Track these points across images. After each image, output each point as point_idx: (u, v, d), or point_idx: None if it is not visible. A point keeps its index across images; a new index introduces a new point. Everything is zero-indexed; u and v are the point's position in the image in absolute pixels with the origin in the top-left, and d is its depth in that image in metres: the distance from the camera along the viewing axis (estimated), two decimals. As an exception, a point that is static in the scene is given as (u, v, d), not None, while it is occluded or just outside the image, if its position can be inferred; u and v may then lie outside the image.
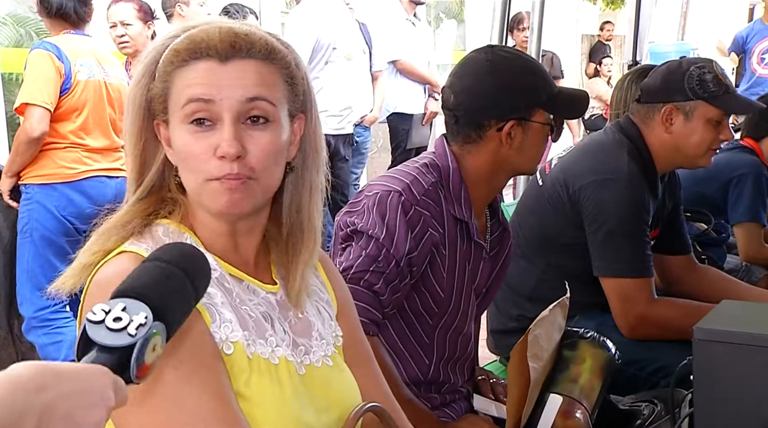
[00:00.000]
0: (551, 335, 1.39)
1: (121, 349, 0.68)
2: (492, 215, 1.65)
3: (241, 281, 0.98)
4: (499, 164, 1.53)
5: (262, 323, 0.96)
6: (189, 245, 0.85)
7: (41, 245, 2.93)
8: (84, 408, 0.63)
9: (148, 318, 0.69)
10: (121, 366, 0.68)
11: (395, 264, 1.41)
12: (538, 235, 1.98)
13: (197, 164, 0.92)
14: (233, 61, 0.92)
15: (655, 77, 1.98)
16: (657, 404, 1.47)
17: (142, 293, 0.71)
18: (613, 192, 1.85)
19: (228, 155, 0.90)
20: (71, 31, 2.98)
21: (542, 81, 1.54)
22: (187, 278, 0.76)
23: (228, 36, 0.93)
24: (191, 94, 0.91)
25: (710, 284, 2.11)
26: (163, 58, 0.94)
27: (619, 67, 8.84)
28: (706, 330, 1.12)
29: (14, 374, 0.61)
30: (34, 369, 0.62)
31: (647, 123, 1.96)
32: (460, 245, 1.52)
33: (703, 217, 2.50)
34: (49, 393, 0.61)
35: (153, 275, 0.75)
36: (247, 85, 0.92)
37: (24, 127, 2.87)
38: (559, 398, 1.36)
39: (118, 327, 0.68)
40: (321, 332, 1.04)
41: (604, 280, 1.88)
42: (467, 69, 1.56)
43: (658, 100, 1.94)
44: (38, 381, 0.61)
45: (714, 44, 6.49)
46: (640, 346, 1.82)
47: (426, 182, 1.48)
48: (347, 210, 1.49)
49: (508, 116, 1.50)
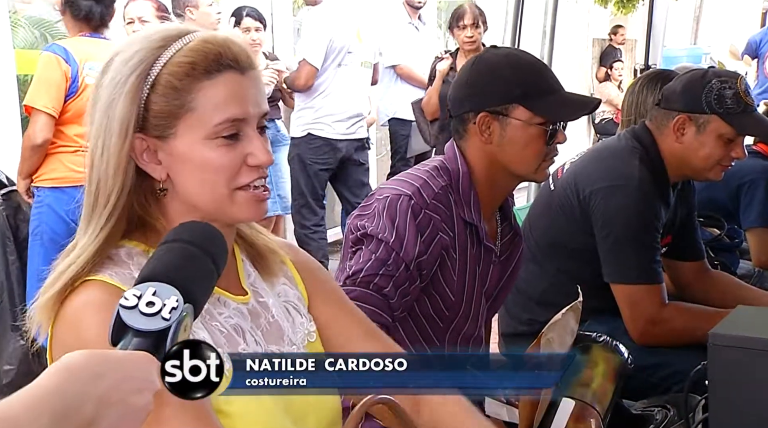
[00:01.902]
0: (564, 339, 1.39)
1: (156, 333, 0.70)
2: (503, 219, 1.65)
3: (212, 295, 0.99)
4: (490, 162, 1.52)
5: (234, 337, 0.97)
6: (206, 223, 0.85)
7: (50, 248, 2.94)
8: (134, 393, 0.66)
9: (179, 301, 0.71)
10: (155, 348, 0.70)
11: (405, 268, 1.41)
12: (549, 239, 1.98)
13: (227, 175, 0.93)
14: (248, 72, 0.93)
15: (676, 84, 1.95)
16: (670, 409, 1.47)
17: (171, 276, 0.73)
18: (624, 198, 1.84)
19: (265, 164, 0.93)
20: (87, 34, 3.00)
21: (522, 78, 1.49)
22: (208, 256, 0.78)
23: (243, 46, 0.94)
24: (229, 115, 0.91)
25: (723, 289, 2.10)
26: (168, 71, 0.90)
27: (630, 72, 8.81)
28: (721, 336, 1.11)
29: (68, 363, 0.63)
30: (86, 358, 0.64)
31: (661, 130, 1.94)
32: (470, 249, 1.52)
33: (716, 222, 2.48)
34: (104, 380, 0.64)
35: (177, 256, 0.76)
36: (261, 97, 0.95)
37: (27, 133, 2.90)
38: (572, 402, 1.36)
39: (151, 311, 0.70)
40: (291, 338, 1.04)
41: (614, 286, 1.87)
42: (462, 68, 1.59)
43: (674, 107, 1.92)
44: (93, 369, 0.64)
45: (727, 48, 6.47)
46: (652, 351, 1.81)
47: (436, 185, 1.48)
48: (358, 213, 1.49)
49: (480, 107, 1.50)
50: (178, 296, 0.71)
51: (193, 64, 0.90)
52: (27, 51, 3.83)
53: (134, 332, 0.70)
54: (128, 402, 0.65)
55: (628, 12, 9.05)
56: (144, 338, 0.70)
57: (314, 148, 3.85)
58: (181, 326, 0.71)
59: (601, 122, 8.37)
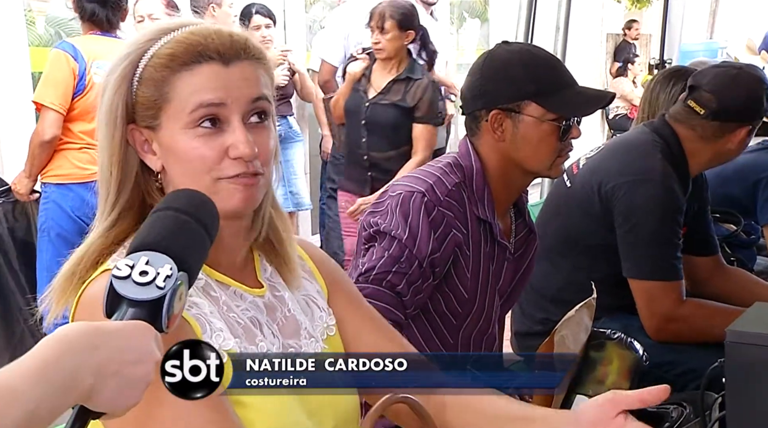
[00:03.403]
0: (578, 336, 1.39)
1: (151, 302, 0.69)
2: (518, 216, 1.64)
3: (228, 287, 0.98)
4: (504, 159, 1.51)
5: (251, 329, 0.96)
6: (195, 190, 0.85)
7: (58, 243, 2.97)
8: (132, 363, 0.66)
9: (173, 270, 0.70)
10: (152, 318, 0.69)
11: (418, 265, 1.41)
12: (565, 237, 1.96)
13: (207, 166, 0.92)
14: (235, 63, 0.92)
15: (733, 91, 1.88)
16: (686, 406, 1.45)
17: (164, 244, 0.72)
18: (647, 192, 1.82)
19: (246, 156, 0.91)
20: (98, 32, 3.02)
21: (535, 74, 1.48)
22: (200, 224, 0.77)
23: (226, 38, 0.93)
24: (201, 100, 0.91)
25: (739, 286, 2.08)
26: (152, 63, 0.92)
27: (645, 67, 8.75)
28: (739, 333, 1.10)
29: (62, 335, 0.63)
30: (82, 329, 0.64)
31: (687, 125, 1.91)
32: (483, 246, 1.52)
33: (733, 218, 2.46)
34: (100, 351, 0.63)
35: (168, 225, 0.75)
36: (251, 86, 0.93)
37: (36, 130, 2.92)
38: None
39: (145, 280, 0.69)
40: (309, 330, 1.04)
41: (633, 282, 1.85)
42: (474, 64, 1.58)
43: (736, 119, 1.88)
44: (88, 340, 0.63)
45: (743, 43, 6.41)
46: (668, 348, 1.80)
47: (449, 182, 1.48)
48: (371, 210, 1.49)
49: (491, 105, 1.49)
50: (171, 264, 0.70)
51: (172, 56, 0.91)
52: (42, 49, 3.86)
53: (129, 302, 0.69)
54: (126, 372, 0.65)
55: (642, 6, 8.98)
56: (139, 308, 0.69)
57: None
58: (176, 294, 0.70)
59: (615, 117, 8.32)
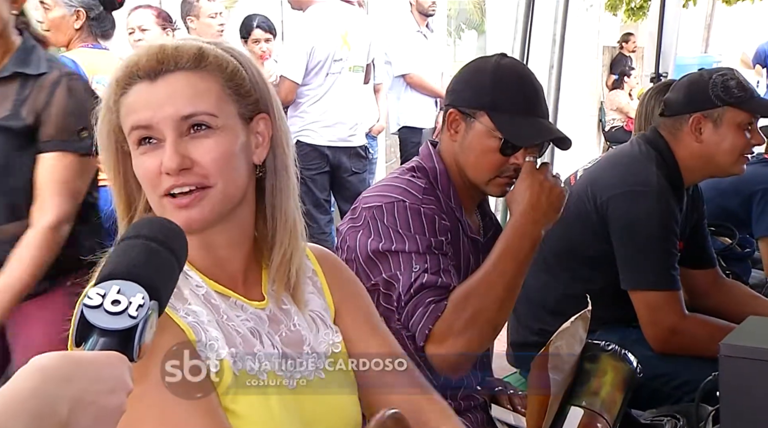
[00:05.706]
0: (572, 347, 1.39)
1: (123, 332, 0.69)
2: (483, 215, 1.68)
3: (228, 298, 0.99)
4: (455, 161, 1.57)
5: (250, 338, 0.97)
6: (162, 218, 0.87)
7: None
8: (106, 393, 0.66)
9: (145, 299, 0.70)
10: (122, 347, 0.69)
11: (429, 254, 1.44)
12: (563, 247, 1.97)
13: (152, 183, 0.94)
14: (162, 77, 0.93)
15: (678, 90, 1.98)
16: (679, 419, 1.46)
17: (135, 273, 0.72)
18: (643, 204, 1.83)
19: (170, 170, 0.92)
20: (89, 45, 3.00)
21: (498, 88, 1.52)
22: (170, 252, 0.77)
23: (154, 53, 0.94)
24: (132, 122, 0.94)
25: (736, 299, 2.08)
26: (110, 90, 0.96)
27: (640, 79, 8.80)
28: (732, 346, 1.11)
29: (40, 365, 0.64)
30: (58, 360, 0.64)
31: (675, 135, 1.95)
32: (462, 242, 1.57)
33: (728, 231, 2.47)
34: (75, 383, 0.64)
35: (138, 253, 0.75)
36: (178, 103, 0.93)
37: None
38: (581, 411, 1.35)
39: (117, 309, 0.69)
40: (313, 345, 1.04)
41: (633, 293, 1.86)
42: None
43: (684, 111, 1.93)
44: (66, 371, 0.64)
45: (738, 57, 6.45)
46: (663, 361, 1.80)
47: (420, 184, 1.54)
48: (351, 225, 1.50)
49: (453, 104, 1.57)
50: (144, 293, 0.70)
51: (117, 81, 0.95)
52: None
53: (100, 331, 0.69)
54: (101, 403, 0.65)
55: (638, 19, 9.04)
56: (111, 337, 0.69)
57: (302, 155, 3.78)
58: (148, 323, 0.70)
59: (611, 129, 8.36)
